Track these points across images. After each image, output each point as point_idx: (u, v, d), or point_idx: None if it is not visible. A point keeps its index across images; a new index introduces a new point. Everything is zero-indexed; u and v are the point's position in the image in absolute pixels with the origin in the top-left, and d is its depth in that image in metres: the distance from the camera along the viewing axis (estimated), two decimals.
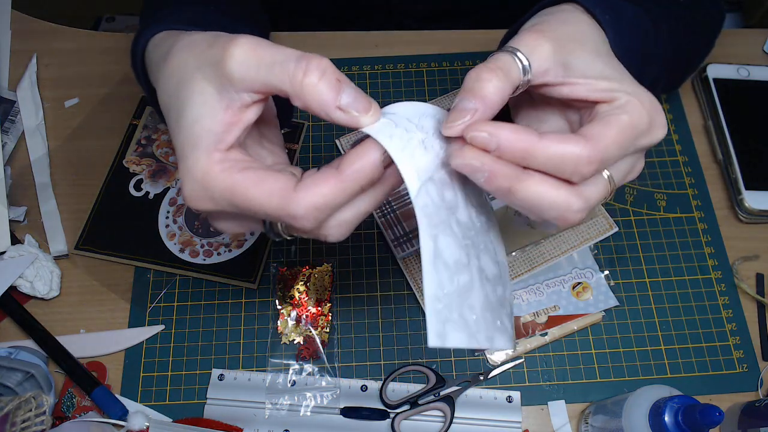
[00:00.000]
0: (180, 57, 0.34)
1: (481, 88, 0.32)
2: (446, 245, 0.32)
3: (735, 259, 0.58)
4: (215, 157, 0.32)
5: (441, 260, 0.32)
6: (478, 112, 0.32)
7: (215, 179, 0.32)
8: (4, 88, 0.66)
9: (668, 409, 0.41)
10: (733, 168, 0.60)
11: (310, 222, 0.31)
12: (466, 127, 0.32)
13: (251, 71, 0.31)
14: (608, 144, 0.32)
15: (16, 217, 0.59)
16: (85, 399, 0.52)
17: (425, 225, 0.31)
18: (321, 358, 0.54)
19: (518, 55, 0.34)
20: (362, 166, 0.31)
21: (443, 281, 0.31)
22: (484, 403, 0.52)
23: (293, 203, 0.31)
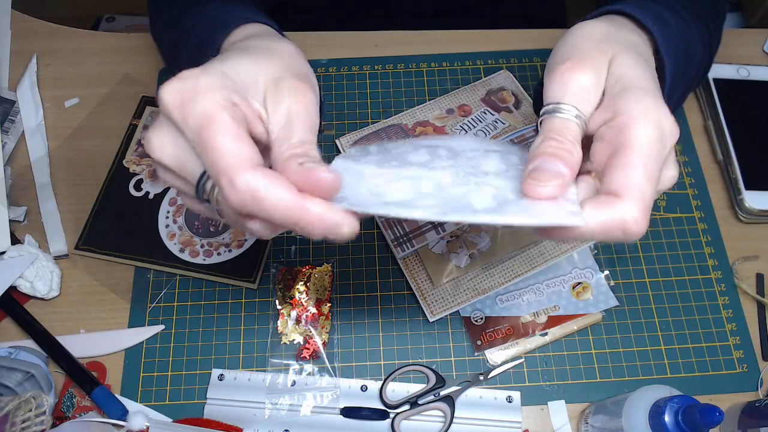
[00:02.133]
0: (278, 50, 0.36)
1: (568, 157, 0.33)
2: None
3: (735, 259, 0.58)
4: (228, 94, 0.31)
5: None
6: (567, 178, 0.32)
7: (208, 100, 0.31)
8: (4, 88, 0.66)
9: (668, 409, 0.41)
10: (733, 168, 0.60)
11: (238, 200, 0.30)
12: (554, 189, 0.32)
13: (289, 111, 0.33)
14: (642, 188, 0.31)
15: (16, 217, 0.59)
16: (85, 399, 0.52)
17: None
18: (321, 358, 0.54)
19: (574, 115, 0.34)
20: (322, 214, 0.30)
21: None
22: (484, 403, 0.52)
23: (241, 174, 0.29)
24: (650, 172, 0.32)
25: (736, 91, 0.64)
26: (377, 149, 0.40)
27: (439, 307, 0.55)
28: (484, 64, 0.67)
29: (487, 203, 0.32)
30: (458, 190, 0.33)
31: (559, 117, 0.34)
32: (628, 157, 0.32)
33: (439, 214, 0.31)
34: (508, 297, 0.56)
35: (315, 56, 0.68)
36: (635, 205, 0.31)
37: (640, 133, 0.32)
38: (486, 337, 0.54)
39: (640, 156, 0.32)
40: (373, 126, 0.63)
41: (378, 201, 0.32)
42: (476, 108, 0.63)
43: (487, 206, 0.32)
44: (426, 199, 0.33)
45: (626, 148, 0.32)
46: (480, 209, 0.32)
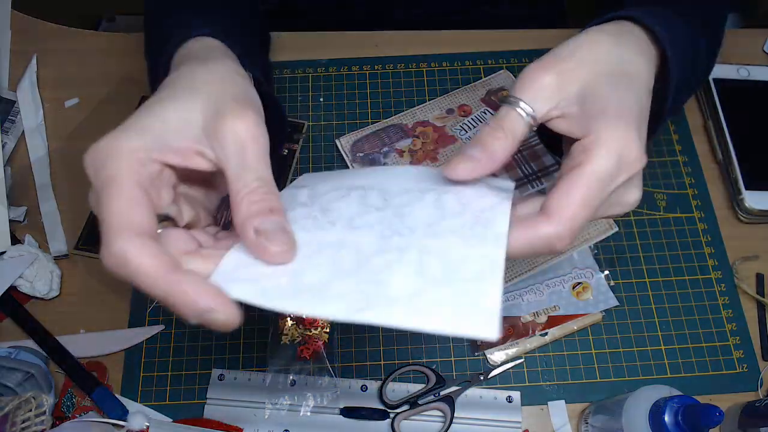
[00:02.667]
0: (211, 72, 0.36)
1: (491, 143, 0.34)
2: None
3: (735, 259, 0.58)
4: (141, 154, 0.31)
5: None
6: (482, 162, 0.34)
7: (117, 165, 0.31)
8: (4, 88, 0.66)
9: (668, 409, 0.41)
10: (733, 168, 0.60)
11: (109, 263, 0.29)
12: (470, 173, 0.34)
13: (231, 149, 0.32)
14: (573, 212, 0.32)
15: (16, 217, 0.59)
16: (85, 399, 0.52)
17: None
18: (321, 358, 0.54)
19: (521, 106, 0.35)
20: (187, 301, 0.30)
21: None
22: (484, 403, 0.52)
23: (117, 238, 0.29)
24: (589, 198, 0.32)
25: (736, 91, 0.64)
26: (307, 195, 0.37)
27: None
28: (484, 64, 0.67)
29: (407, 285, 0.30)
30: (379, 260, 0.32)
31: (506, 106, 0.35)
32: (574, 180, 0.32)
33: (350, 312, 0.29)
34: (508, 297, 0.56)
35: (315, 56, 0.68)
36: (562, 228, 0.32)
37: (598, 162, 0.32)
38: None
39: (585, 184, 0.32)
40: (373, 126, 0.63)
41: (290, 286, 0.31)
42: (476, 108, 0.63)
43: (407, 292, 0.30)
44: (343, 282, 0.31)
45: (576, 171, 0.32)
46: (396, 297, 0.29)
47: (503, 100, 0.35)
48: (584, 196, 0.32)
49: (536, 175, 0.58)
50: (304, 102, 0.66)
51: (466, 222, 0.33)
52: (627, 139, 0.33)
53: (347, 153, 0.61)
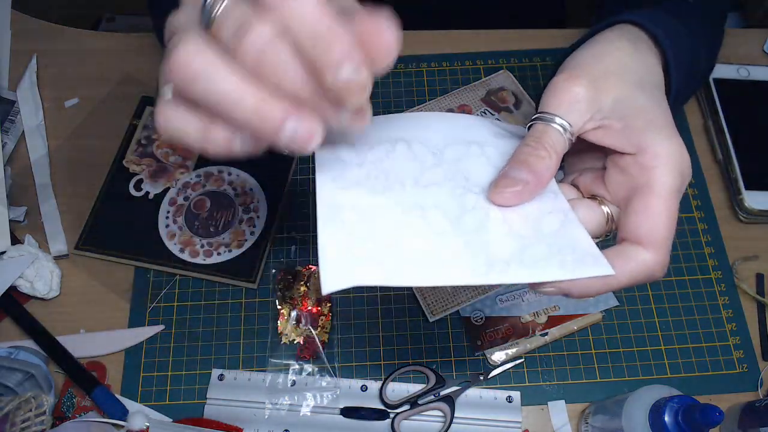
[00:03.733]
0: None
1: (535, 163, 0.33)
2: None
3: (735, 259, 0.58)
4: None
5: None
6: (530, 185, 0.33)
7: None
8: (4, 88, 0.66)
9: (668, 409, 0.41)
10: (733, 168, 0.60)
11: (172, 73, 0.24)
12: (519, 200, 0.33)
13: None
14: (666, 235, 0.32)
15: (16, 218, 0.59)
16: (85, 399, 0.52)
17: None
18: (321, 358, 0.54)
19: (557, 122, 0.34)
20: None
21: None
22: (484, 403, 0.52)
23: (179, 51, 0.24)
24: (673, 220, 0.33)
25: (736, 91, 0.64)
26: (349, 153, 0.35)
27: (439, 307, 0.55)
28: (484, 64, 0.67)
29: (509, 245, 0.31)
30: (469, 221, 0.32)
31: (541, 123, 0.34)
32: (654, 204, 0.32)
33: (476, 277, 0.29)
34: (508, 297, 0.56)
35: None
36: (662, 254, 0.32)
37: (666, 179, 0.33)
38: (486, 337, 0.54)
39: (666, 204, 0.32)
40: None
41: (400, 260, 0.29)
42: (476, 108, 0.63)
43: (511, 251, 0.31)
44: (447, 245, 0.30)
45: (651, 194, 0.32)
46: (508, 257, 0.30)
47: (537, 118, 0.35)
48: (670, 219, 0.32)
49: None
50: None
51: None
52: (683, 155, 0.33)
53: None
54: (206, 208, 0.59)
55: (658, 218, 0.32)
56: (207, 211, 0.59)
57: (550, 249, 0.31)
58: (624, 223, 0.34)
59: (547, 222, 0.33)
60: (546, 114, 0.34)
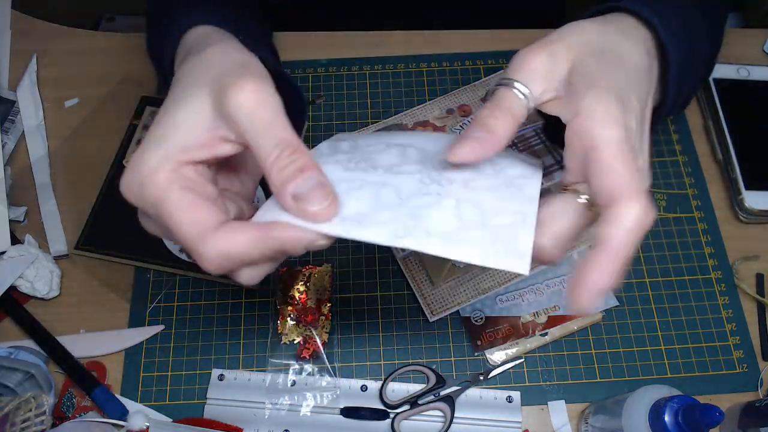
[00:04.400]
0: (207, 59, 0.35)
1: (491, 123, 0.34)
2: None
3: (735, 259, 0.58)
4: (168, 164, 0.32)
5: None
6: (485, 143, 0.33)
7: (154, 183, 0.31)
8: (4, 88, 0.66)
9: (668, 409, 0.41)
10: (733, 168, 0.60)
11: (214, 266, 0.31)
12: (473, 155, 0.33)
13: (243, 122, 0.32)
14: (630, 178, 0.31)
15: (16, 217, 0.59)
16: (85, 399, 0.52)
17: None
18: (321, 358, 0.54)
19: (516, 86, 0.35)
20: (293, 240, 0.31)
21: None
22: (484, 403, 0.52)
23: (205, 243, 0.31)
24: (630, 166, 0.31)
25: (736, 91, 0.64)
26: (348, 146, 0.39)
27: (439, 307, 0.55)
28: (484, 64, 0.67)
29: (444, 223, 0.32)
30: (419, 201, 0.33)
31: (501, 88, 0.35)
32: (603, 159, 0.32)
33: (390, 237, 0.31)
34: (508, 297, 0.56)
35: (315, 56, 0.68)
36: (635, 202, 0.31)
37: (605, 133, 0.32)
38: (486, 337, 0.54)
39: (614, 155, 0.32)
40: (373, 126, 0.63)
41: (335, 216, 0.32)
42: (476, 108, 0.63)
43: (444, 229, 0.31)
44: (384, 212, 0.32)
45: (597, 151, 0.32)
46: (433, 231, 0.31)
47: (498, 83, 0.36)
48: (626, 164, 0.31)
49: None
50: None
51: (500, 183, 0.35)
52: (623, 112, 0.33)
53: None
54: None
55: (612, 172, 0.31)
56: None
57: (483, 236, 0.31)
58: (594, 195, 0.33)
59: (501, 218, 0.32)
60: (506, 79, 0.35)
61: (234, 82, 0.32)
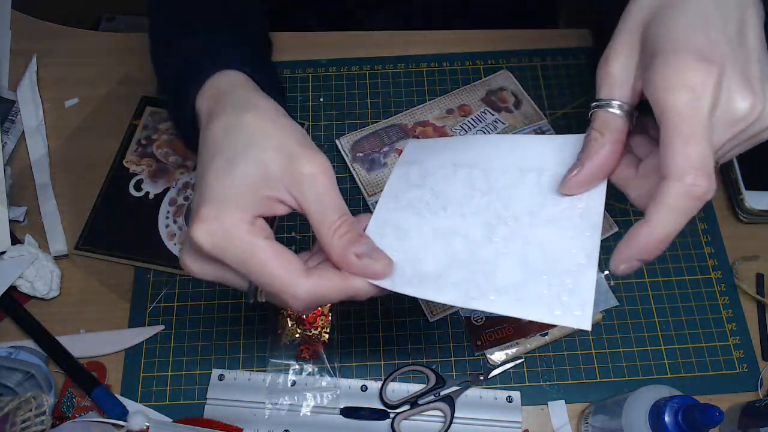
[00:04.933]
0: (259, 123, 0.37)
1: (588, 146, 0.35)
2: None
3: (735, 259, 0.58)
4: (247, 216, 0.35)
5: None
6: (584, 169, 0.35)
7: (240, 236, 0.34)
8: (4, 88, 0.66)
9: (668, 409, 0.41)
10: (733, 168, 0.60)
11: (303, 305, 0.35)
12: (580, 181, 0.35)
13: (312, 191, 0.35)
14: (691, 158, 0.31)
15: (16, 217, 0.59)
16: (85, 399, 0.52)
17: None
18: (321, 358, 0.54)
19: (606, 104, 0.35)
20: (367, 290, 0.36)
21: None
22: (484, 403, 0.52)
23: (300, 286, 0.34)
24: (689, 136, 0.31)
25: None
26: (418, 173, 0.42)
27: (439, 307, 0.55)
28: (484, 64, 0.67)
29: (511, 277, 0.34)
30: (487, 251, 0.36)
31: (596, 111, 0.35)
32: (664, 136, 0.31)
33: (464, 300, 0.34)
34: None
35: (315, 56, 0.68)
36: (679, 181, 0.31)
37: (668, 107, 0.31)
38: (486, 337, 0.54)
39: (675, 129, 0.31)
40: (373, 126, 0.63)
41: (414, 274, 0.36)
42: (476, 108, 0.63)
43: (511, 283, 0.34)
44: (457, 270, 0.36)
45: (661, 128, 0.31)
46: (502, 287, 0.34)
47: (593, 106, 0.36)
48: (684, 137, 0.31)
49: None
50: (304, 102, 0.66)
51: (565, 210, 0.36)
52: (685, 71, 0.31)
53: (347, 153, 0.61)
54: None
55: (671, 144, 0.31)
56: None
57: (550, 290, 0.33)
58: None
59: (566, 261, 0.34)
60: (597, 100, 0.36)
61: (307, 153, 0.36)
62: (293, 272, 0.34)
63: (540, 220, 0.36)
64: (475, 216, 0.38)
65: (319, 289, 0.35)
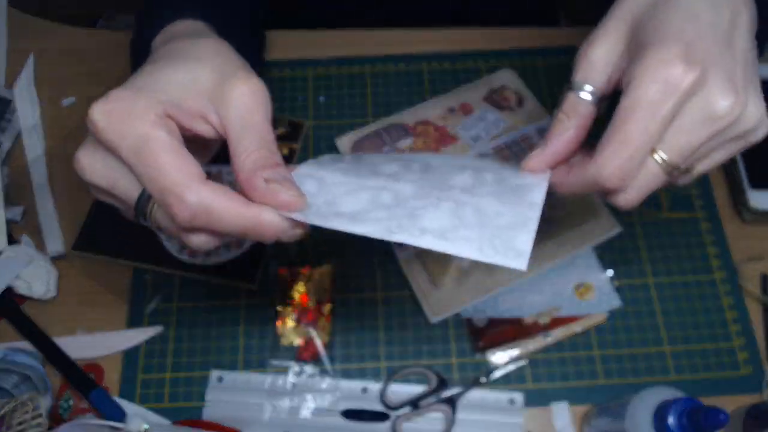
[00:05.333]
0: (210, 45, 0.36)
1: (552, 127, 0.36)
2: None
3: (739, 259, 0.57)
4: (159, 109, 0.31)
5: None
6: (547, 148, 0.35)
7: (141, 123, 0.31)
8: (1, 87, 0.65)
9: (672, 412, 0.40)
10: (737, 167, 0.59)
11: (189, 214, 0.30)
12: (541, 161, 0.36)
13: (237, 112, 0.33)
14: (613, 150, 0.32)
15: (12, 218, 0.58)
16: (83, 401, 0.51)
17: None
18: (321, 360, 0.53)
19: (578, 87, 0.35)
20: (271, 222, 0.32)
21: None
22: (486, 405, 0.52)
23: (191, 189, 0.30)
24: (629, 133, 0.31)
25: None
26: (351, 158, 0.40)
27: (440, 308, 0.55)
28: (485, 62, 0.67)
29: (441, 222, 0.32)
30: (417, 203, 0.33)
31: (566, 93, 0.35)
32: (613, 120, 0.32)
33: (383, 232, 0.31)
34: (510, 298, 0.55)
35: (315, 56, 0.67)
36: (604, 164, 0.32)
37: (634, 96, 0.31)
38: (488, 339, 0.54)
39: (622, 117, 0.31)
40: (374, 125, 0.63)
41: (330, 211, 0.33)
42: (477, 107, 0.63)
43: (439, 226, 0.31)
44: (379, 212, 0.33)
45: (614, 115, 0.32)
46: (429, 228, 0.31)
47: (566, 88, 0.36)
48: (624, 132, 0.31)
49: None
50: (304, 102, 0.65)
51: (504, 190, 0.35)
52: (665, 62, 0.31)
53: (347, 153, 0.61)
54: None
55: (616, 129, 0.32)
56: None
57: (481, 234, 0.31)
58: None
59: (501, 219, 0.32)
60: (570, 82, 0.35)
61: (241, 75, 0.33)
62: (188, 174, 0.30)
63: (477, 192, 0.35)
64: (409, 182, 0.35)
65: (213, 202, 0.30)
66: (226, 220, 0.31)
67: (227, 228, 0.31)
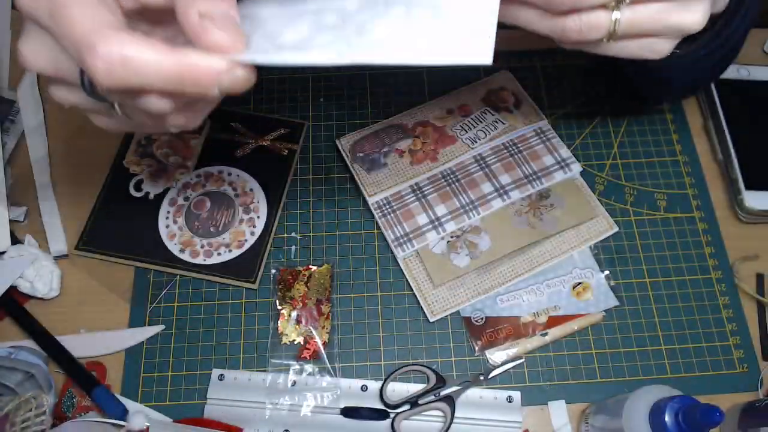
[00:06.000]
0: None
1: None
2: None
3: (735, 259, 0.58)
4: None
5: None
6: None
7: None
8: (5, 88, 0.66)
9: (668, 409, 0.41)
10: (733, 168, 0.60)
11: (104, 66, 0.26)
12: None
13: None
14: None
15: (16, 217, 0.59)
16: (85, 399, 0.52)
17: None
18: (321, 358, 0.54)
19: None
20: (207, 67, 0.27)
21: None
22: (485, 403, 0.52)
23: (105, 37, 0.26)
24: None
25: (736, 91, 0.64)
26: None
27: (439, 307, 0.55)
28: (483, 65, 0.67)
29: (393, 29, 0.29)
30: (363, 16, 0.30)
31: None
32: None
33: (333, 57, 0.28)
34: (508, 297, 0.56)
35: None
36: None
37: None
38: (486, 337, 0.54)
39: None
40: (373, 126, 0.63)
41: (271, 45, 0.29)
42: (476, 108, 0.63)
43: (391, 32, 0.29)
44: (325, 35, 0.29)
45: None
46: (382, 39, 0.28)
47: None
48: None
49: (536, 175, 0.58)
50: (304, 102, 0.66)
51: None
52: None
53: (347, 153, 0.61)
54: (206, 209, 0.59)
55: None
56: (207, 211, 0.59)
57: (441, 27, 0.29)
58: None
59: (459, 9, 0.30)
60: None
61: None
62: (100, 21, 0.26)
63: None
64: (347, 2, 0.31)
65: (133, 51, 0.26)
66: (150, 69, 0.26)
67: (154, 80, 0.27)
